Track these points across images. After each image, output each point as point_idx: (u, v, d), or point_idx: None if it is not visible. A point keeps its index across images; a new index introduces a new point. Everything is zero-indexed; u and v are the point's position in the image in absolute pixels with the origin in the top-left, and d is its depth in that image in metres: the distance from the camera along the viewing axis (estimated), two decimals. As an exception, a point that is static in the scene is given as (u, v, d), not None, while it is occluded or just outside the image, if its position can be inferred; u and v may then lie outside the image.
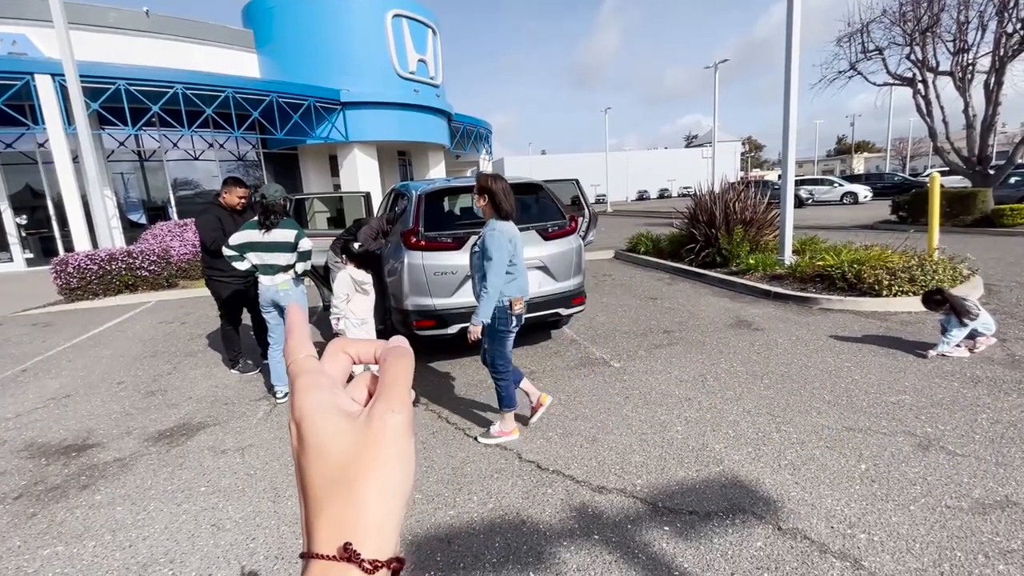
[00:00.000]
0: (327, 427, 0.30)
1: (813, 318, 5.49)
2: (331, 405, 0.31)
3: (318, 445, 0.30)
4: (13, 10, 15.30)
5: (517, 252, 3.04)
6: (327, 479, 0.29)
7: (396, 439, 0.30)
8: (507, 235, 2.96)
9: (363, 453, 0.29)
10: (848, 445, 2.92)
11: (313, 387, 0.32)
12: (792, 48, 7.11)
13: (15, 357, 5.95)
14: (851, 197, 25.19)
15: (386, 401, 0.31)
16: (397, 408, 0.31)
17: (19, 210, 17.01)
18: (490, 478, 2.84)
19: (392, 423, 0.31)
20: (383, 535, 0.29)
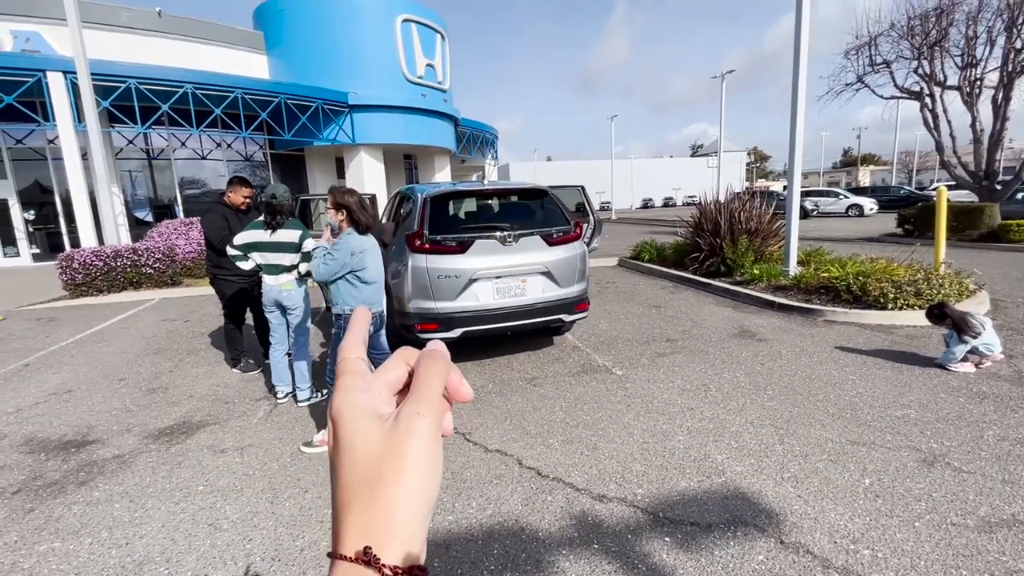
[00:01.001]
0: (357, 428, 0.31)
1: (817, 330, 5.46)
2: (365, 407, 0.32)
3: (349, 445, 0.30)
4: (27, 8, 15.47)
5: (366, 266, 3.12)
6: (355, 480, 0.30)
7: (422, 443, 0.30)
8: (353, 247, 3.05)
9: (389, 455, 0.30)
10: (852, 459, 2.89)
11: (350, 388, 0.33)
12: (800, 59, 7.12)
13: (18, 351, 5.97)
14: (856, 209, 25.12)
15: (414, 404, 0.31)
16: (424, 411, 0.31)
17: (27, 205, 17.14)
18: (489, 484, 2.82)
19: (418, 426, 0.30)
20: (406, 540, 0.29)
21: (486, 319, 4.38)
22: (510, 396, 4.04)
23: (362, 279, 3.16)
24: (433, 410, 0.31)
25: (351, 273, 3.12)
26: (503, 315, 4.41)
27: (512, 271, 4.40)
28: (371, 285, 3.21)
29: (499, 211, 5.12)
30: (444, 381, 0.33)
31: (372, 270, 3.19)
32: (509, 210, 5.14)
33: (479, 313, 4.35)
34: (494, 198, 5.21)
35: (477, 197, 5.30)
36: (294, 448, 3.33)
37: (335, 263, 3.08)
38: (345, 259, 3.08)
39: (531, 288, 4.49)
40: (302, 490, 2.83)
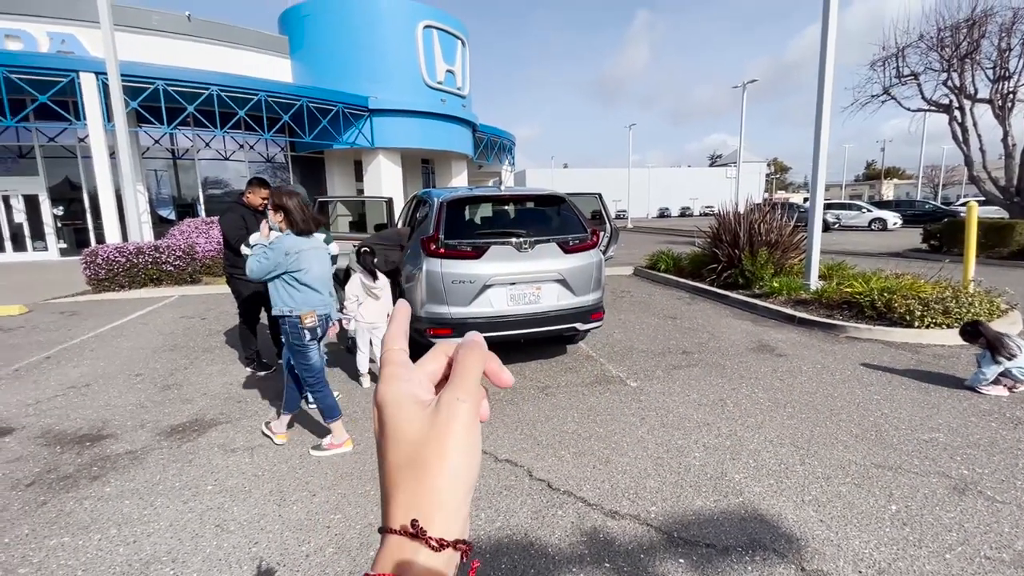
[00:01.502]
0: (401, 414, 0.33)
1: (840, 346, 5.30)
2: (408, 394, 0.33)
3: (394, 430, 0.32)
4: (64, 11, 15.97)
5: (303, 267, 3.04)
6: (401, 462, 0.32)
7: (462, 426, 0.32)
8: (288, 247, 2.99)
9: (432, 438, 0.31)
10: (877, 483, 2.77)
11: (393, 377, 0.35)
12: (825, 70, 6.99)
13: (41, 344, 6.09)
14: (880, 223, 24.61)
15: (454, 390, 0.33)
16: (463, 396, 0.33)
17: (56, 201, 17.64)
18: (499, 495, 2.76)
19: (458, 410, 0.32)
20: (449, 516, 0.31)
21: (499, 326, 4.33)
22: (522, 404, 3.99)
23: (300, 280, 3.07)
24: (472, 396, 0.33)
25: (287, 274, 3.05)
26: (517, 322, 4.37)
27: (527, 278, 4.35)
28: (310, 287, 3.11)
29: (515, 217, 5.08)
30: (482, 369, 0.35)
31: (312, 273, 3.09)
32: (525, 216, 5.11)
33: (493, 320, 4.31)
34: (511, 204, 5.18)
35: (494, 202, 5.27)
36: (304, 450, 3.31)
37: (268, 262, 3.00)
38: (279, 259, 3.00)
39: (546, 295, 4.43)
40: (310, 494, 2.80)
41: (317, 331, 3.16)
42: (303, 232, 3.08)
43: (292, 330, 3.11)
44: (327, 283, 3.24)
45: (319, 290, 3.15)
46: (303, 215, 3.07)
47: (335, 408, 3.26)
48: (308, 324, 3.11)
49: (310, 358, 3.18)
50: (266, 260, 3.01)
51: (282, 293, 3.09)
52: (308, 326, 3.11)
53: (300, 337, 3.12)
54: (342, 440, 3.28)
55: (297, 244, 3.03)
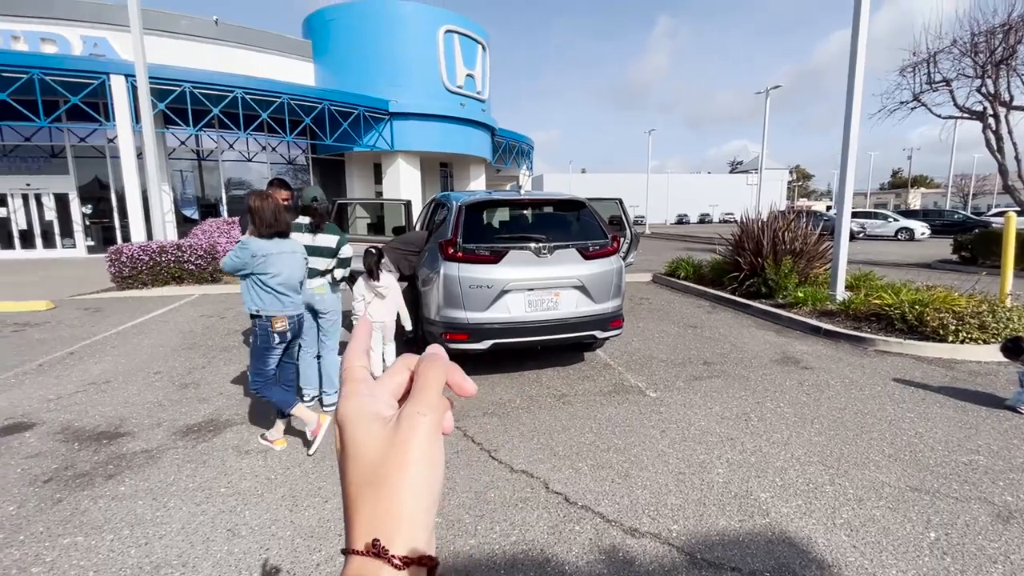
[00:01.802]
0: (361, 431, 0.32)
1: (869, 360, 5.11)
2: (368, 410, 0.33)
3: (353, 448, 0.32)
4: (97, 15, 16.45)
5: (269, 272, 3.04)
6: (362, 480, 0.31)
7: (423, 439, 0.31)
8: (254, 250, 3.01)
9: (393, 453, 0.31)
10: (914, 508, 2.62)
11: (354, 394, 0.34)
12: (855, 75, 6.79)
13: (64, 340, 6.20)
14: (907, 233, 23.95)
15: (414, 404, 0.33)
16: (424, 410, 0.32)
17: (85, 200, 18.12)
18: (514, 507, 2.68)
19: (419, 424, 0.32)
20: (412, 532, 0.30)
21: (517, 332, 4.26)
22: (538, 413, 3.90)
23: (265, 283, 3.07)
24: (433, 409, 0.33)
25: (255, 276, 3.07)
26: (534, 328, 4.29)
27: (545, 284, 4.28)
28: (274, 292, 3.09)
29: (534, 222, 5.02)
30: (443, 381, 0.35)
31: (280, 278, 3.08)
32: (545, 221, 5.04)
33: (510, 325, 4.24)
34: (530, 208, 5.12)
35: (513, 207, 5.21)
36: (318, 454, 3.28)
37: (237, 260, 3.04)
38: (246, 259, 3.02)
39: (564, 302, 4.35)
40: (323, 500, 2.76)
41: (287, 335, 3.19)
42: (267, 235, 3.06)
43: (261, 332, 3.15)
44: (296, 289, 3.24)
45: (287, 294, 3.14)
46: (272, 218, 3.04)
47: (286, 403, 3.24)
48: (278, 328, 3.13)
49: (267, 363, 3.19)
50: (236, 259, 3.05)
51: (252, 293, 3.12)
52: (278, 330, 3.13)
53: (268, 340, 3.15)
54: (274, 438, 3.34)
55: (264, 248, 3.04)
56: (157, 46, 16.34)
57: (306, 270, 3.32)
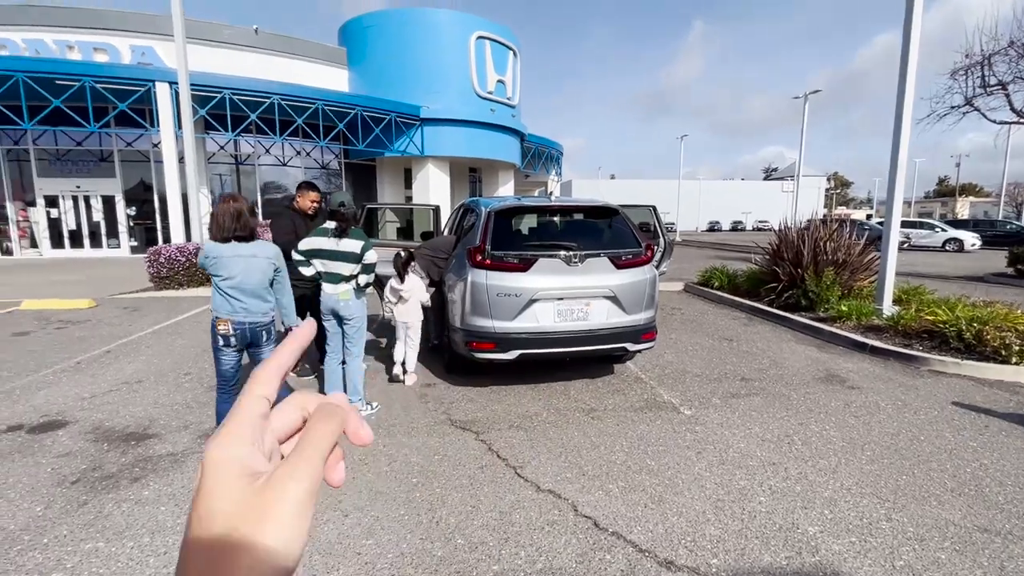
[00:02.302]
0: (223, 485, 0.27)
1: (922, 381, 4.77)
2: (237, 461, 0.28)
3: (206, 505, 0.27)
4: (145, 26, 17.19)
5: (220, 274, 3.07)
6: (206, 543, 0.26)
7: (289, 510, 0.27)
8: (207, 251, 3.09)
9: (247, 519, 0.26)
10: (985, 552, 2.36)
11: (229, 436, 0.29)
12: (907, 76, 6.43)
13: (103, 338, 6.37)
14: (955, 244, 22.76)
15: (291, 467, 0.28)
16: (298, 475, 0.28)
17: (130, 202, 18.87)
18: (540, 531, 2.54)
19: (289, 493, 0.27)
20: None
21: (545, 342, 4.13)
22: (565, 428, 3.75)
23: (217, 285, 3.11)
24: (310, 474, 0.28)
25: (212, 277, 3.13)
26: (563, 339, 4.15)
27: (576, 293, 4.13)
28: (225, 294, 3.10)
29: (565, 229, 4.88)
30: (335, 439, 0.30)
31: (232, 281, 3.07)
32: (576, 228, 4.89)
33: (538, 336, 4.11)
34: (560, 215, 4.99)
35: (543, 213, 5.09)
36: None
37: (200, 260, 3.18)
38: (202, 260, 3.13)
39: (595, 312, 4.19)
40: (342, 514, 2.68)
41: (230, 339, 3.16)
42: (219, 239, 3.08)
43: (212, 331, 3.20)
44: (255, 294, 3.16)
45: (239, 299, 3.12)
46: (225, 222, 3.05)
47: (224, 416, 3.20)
48: (220, 330, 3.14)
49: (220, 362, 3.22)
50: (200, 259, 3.17)
51: (213, 294, 3.18)
52: (220, 332, 3.14)
53: (215, 341, 3.19)
54: None
55: (216, 250, 3.07)
56: (200, 55, 16.93)
57: (270, 276, 3.21)
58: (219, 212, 3.09)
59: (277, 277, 3.27)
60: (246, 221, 3.12)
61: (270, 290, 3.26)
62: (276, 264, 3.24)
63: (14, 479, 3.02)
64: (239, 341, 3.18)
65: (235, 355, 3.25)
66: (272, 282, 3.26)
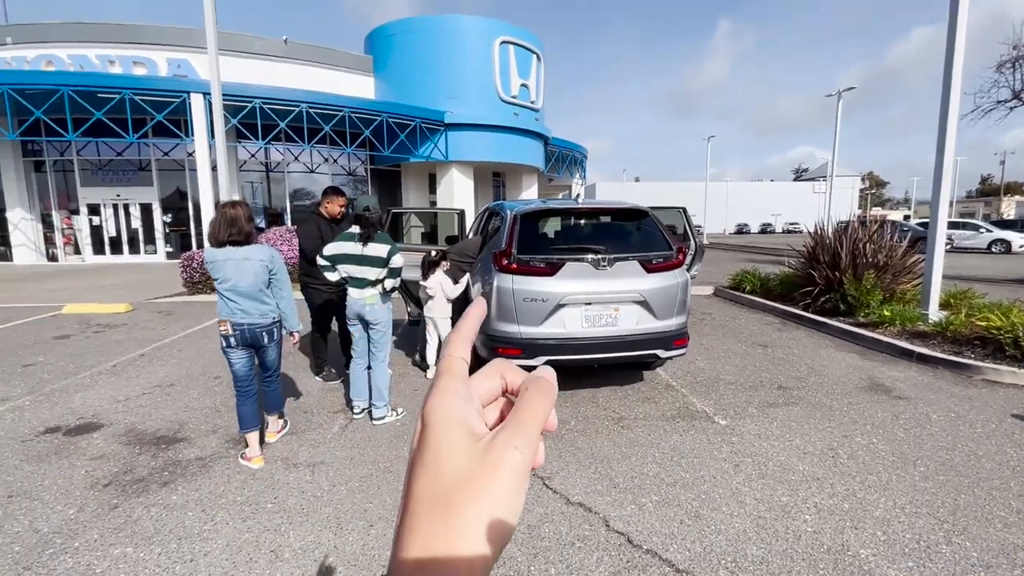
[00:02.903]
0: (448, 442, 0.28)
1: (976, 391, 4.47)
2: (460, 419, 0.29)
3: (435, 457, 0.28)
4: (181, 39, 17.80)
5: (218, 277, 3.18)
6: (431, 494, 0.27)
7: (510, 479, 0.27)
8: (206, 257, 3.22)
9: (473, 480, 0.27)
10: (1062, 582, 2.15)
11: (450, 392, 0.30)
12: (953, 68, 6.11)
13: (139, 341, 6.53)
14: (1002, 245, 21.65)
15: (511, 435, 0.28)
16: (521, 447, 0.28)
17: (166, 210, 19.51)
18: (571, 547, 2.43)
19: (511, 459, 0.27)
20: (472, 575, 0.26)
21: (573, 349, 4.02)
22: (595, 437, 3.63)
23: (218, 289, 3.22)
24: (530, 447, 0.28)
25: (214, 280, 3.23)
26: (592, 346, 4.03)
27: (604, 298, 4.01)
28: (224, 296, 3.21)
29: (593, 232, 4.76)
30: (548, 415, 0.30)
31: (228, 284, 3.17)
32: (604, 231, 4.77)
33: (566, 342, 4.01)
34: (588, 218, 4.88)
35: (570, 216, 4.99)
36: (364, 471, 3.17)
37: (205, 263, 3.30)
38: (206, 266, 3.26)
39: (624, 318, 4.07)
40: (368, 523, 2.62)
41: (230, 339, 3.23)
42: (214, 244, 3.19)
43: (219, 334, 3.27)
44: (251, 296, 3.22)
45: (235, 300, 3.20)
46: (218, 229, 3.16)
47: (246, 419, 3.28)
48: (221, 331, 3.24)
49: (231, 363, 3.31)
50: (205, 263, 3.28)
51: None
52: (221, 332, 3.24)
53: (220, 341, 3.28)
54: (252, 455, 3.28)
55: (212, 255, 3.19)
56: (233, 66, 17.42)
57: (263, 278, 3.25)
58: (215, 218, 3.22)
59: (273, 280, 3.33)
60: (241, 226, 3.20)
61: (267, 294, 3.31)
62: (270, 267, 3.30)
63: (50, 481, 3.07)
64: (239, 342, 3.25)
65: (242, 356, 3.31)
66: (270, 284, 3.32)
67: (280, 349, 3.53)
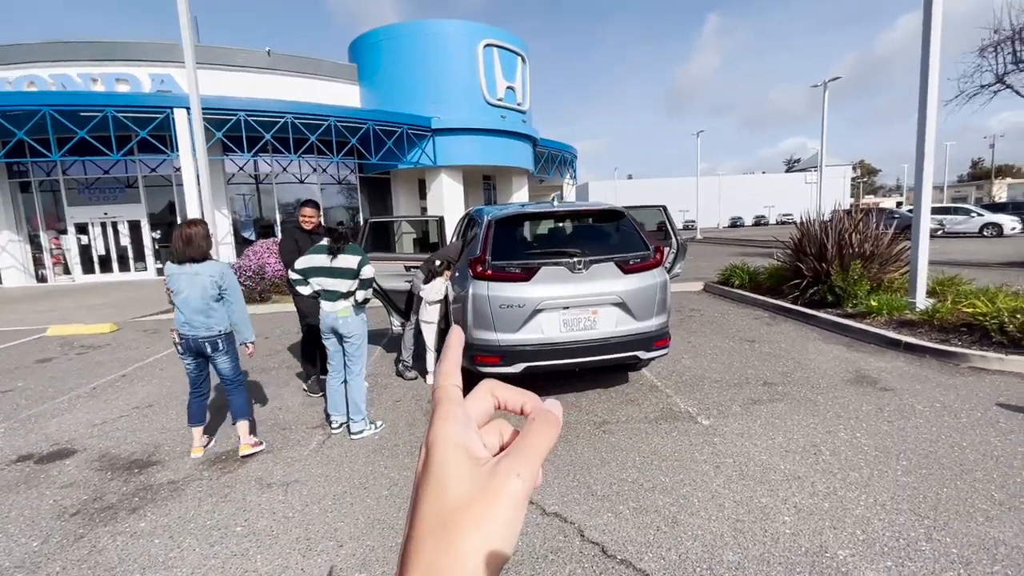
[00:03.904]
0: (452, 467, 0.29)
1: (962, 379, 4.43)
2: (463, 443, 0.30)
3: (440, 478, 0.29)
4: (163, 55, 17.71)
5: (173, 289, 3.43)
6: (437, 518, 0.28)
7: (511, 505, 0.28)
8: (166, 271, 3.50)
9: (476, 505, 0.28)
10: (1042, 577, 2.11)
11: (451, 418, 0.31)
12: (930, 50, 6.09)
13: (121, 361, 6.45)
14: (994, 229, 21.68)
15: (514, 461, 0.29)
16: (524, 475, 0.29)
17: (155, 226, 19.39)
18: (543, 560, 2.38)
19: (513, 487, 0.28)
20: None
21: (552, 354, 3.97)
22: (575, 443, 3.58)
23: (171, 300, 3.48)
24: (532, 476, 0.29)
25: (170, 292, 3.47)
26: (571, 350, 3.98)
27: (581, 301, 3.96)
28: (178, 308, 3.45)
29: (569, 235, 4.72)
30: (550, 450, 0.31)
31: (180, 296, 3.41)
32: (581, 234, 4.73)
33: (544, 347, 3.95)
34: (564, 221, 4.83)
35: (546, 220, 4.94)
36: (339, 489, 3.11)
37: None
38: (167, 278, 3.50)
39: (603, 320, 4.02)
40: (337, 544, 2.56)
41: (179, 347, 3.51)
42: (174, 261, 3.42)
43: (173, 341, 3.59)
44: (200, 310, 3.42)
45: (184, 312, 3.43)
46: (176, 246, 3.39)
47: (191, 415, 3.63)
48: (172, 338, 3.55)
49: (185, 367, 3.61)
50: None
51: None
52: (173, 340, 3.54)
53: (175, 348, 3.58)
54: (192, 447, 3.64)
55: (169, 269, 3.47)
56: (215, 79, 17.36)
57: (212, 293, 3.42)
58: (174, 237, 3.43)
59: (224, 294, 3.49)
60: (197, 245, 3.41)
61: (214, 308, 3.46)
62: (220, 283, 3.46)
63: (16, 512, 3.00)
64: (186, 350, 3.51)
65: (192, 362, 3.57)
66: (219, 299, 3.48)
67: (234, 360, 3.63)
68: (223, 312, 3.51)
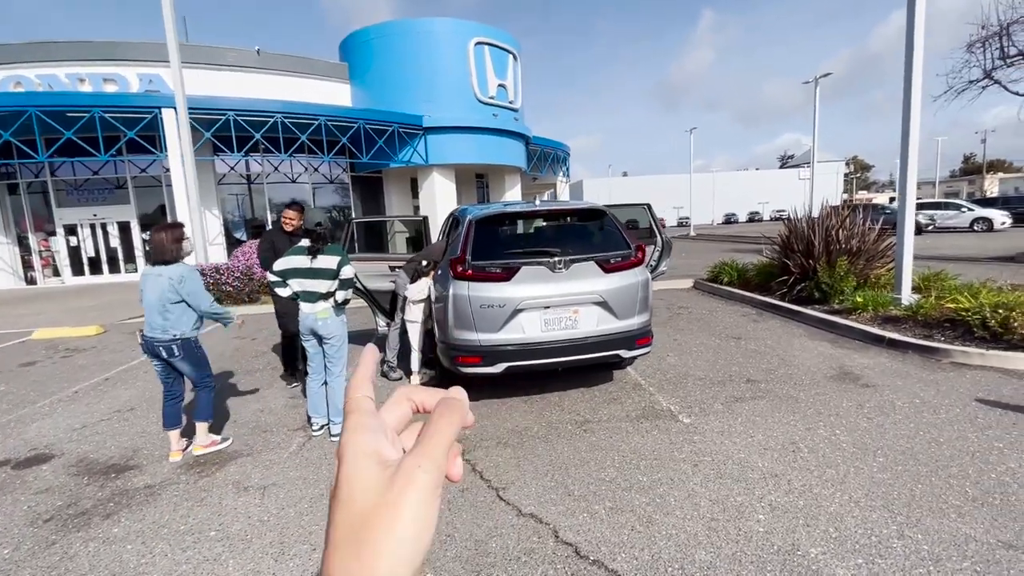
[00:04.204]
0: (358, 473, 0.29)
1: (943, 375, 4.46)
2: (371, 450, 0.30)
3: (348, 489, 0.29)
4: (151, 54, 17.55)
5: (142, 289, 3.51)
6: (349, 527, 0.28)
7: (418, 499, 0.28)
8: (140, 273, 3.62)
9: (383, 506, 0.28)
10: (1010, 572, 2.11)
11: (359, 428, 0.31)
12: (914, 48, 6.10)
13: (105, 364, 6.41)
14: (984, 223, 21.83)
15: (416, 456, 0.30)
16: (426, 466, 0.29)
17: (145, 227, 19.24)
18: (516, 561, 2.37)
19: (417, 480, 0.29)
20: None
21: (533, 353, 3.96)
22: (555, 443, 3.57)
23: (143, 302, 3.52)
24: (436, 466, 0.30)
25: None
26: (552, 349, 3.97)
27: (562, 300, 3.96)
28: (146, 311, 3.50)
29: (550, 234, 4.71)
30: (455, 433, 0.31)
31: (144, 298, 3.48)
32: (562, 233, 4.72)
33: (525, 347, 3.95)
34: (546, 220, 4.82)
35: (528, 219, 4.93)
36: (316, 491, 3.09)
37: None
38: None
39: (584, 320, 4.01)
40: (311, 547, 2.55)
41: (141, 347, 3.56)
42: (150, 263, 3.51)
43: None
44: (157, 311, 3.46)
45: (146, 313, 3.50)
46: (151, 247, 3.51)
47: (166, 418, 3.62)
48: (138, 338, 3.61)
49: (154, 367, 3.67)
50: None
51: None
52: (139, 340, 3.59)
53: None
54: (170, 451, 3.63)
55: (142, 270, 3.62)
56: (204, 79, 17.25)
57: (168, 296, 3.42)
58: (152, 239, 3.50)
59: (187, 297, 3.50)
60: (164, 248, 3.44)
61: (170, 311, 3.46)
62: (177, 286, 3.46)
63: (-11, 519, 2.97)
64: (146, 351, 3.56)
65: (159, 364, 3.59)
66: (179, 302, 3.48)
67: (193, 364, 3.64)
68: (181, 316, 3.49)
